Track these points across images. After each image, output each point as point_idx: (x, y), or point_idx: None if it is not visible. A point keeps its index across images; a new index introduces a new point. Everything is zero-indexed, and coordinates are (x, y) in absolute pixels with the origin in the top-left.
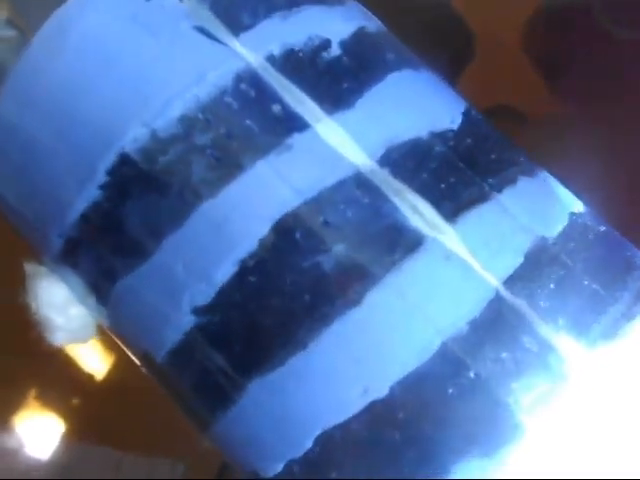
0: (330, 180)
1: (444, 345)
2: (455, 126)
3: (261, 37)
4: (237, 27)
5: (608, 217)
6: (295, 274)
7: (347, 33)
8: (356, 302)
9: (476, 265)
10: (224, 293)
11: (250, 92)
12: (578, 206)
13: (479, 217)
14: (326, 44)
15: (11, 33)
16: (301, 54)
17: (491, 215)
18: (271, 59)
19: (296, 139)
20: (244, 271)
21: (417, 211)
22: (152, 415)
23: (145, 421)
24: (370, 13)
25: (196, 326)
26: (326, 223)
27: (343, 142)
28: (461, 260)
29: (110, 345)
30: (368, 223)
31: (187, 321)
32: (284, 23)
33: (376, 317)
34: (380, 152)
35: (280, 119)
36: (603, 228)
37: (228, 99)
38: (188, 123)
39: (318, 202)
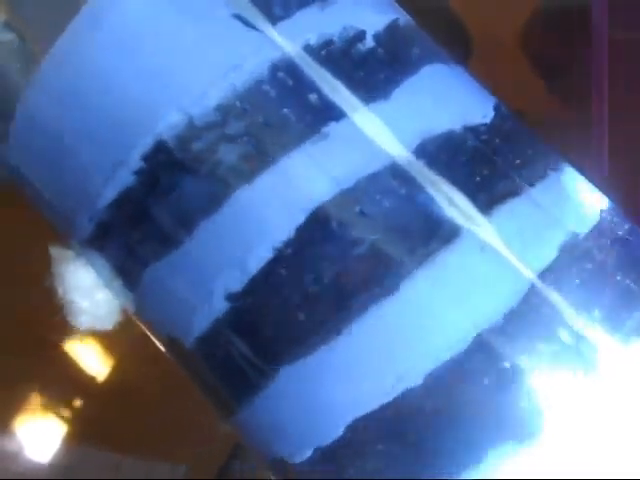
0: (367, 170)
1: (479, 336)
2: (487, 120)
3: (298, 26)
4: (274, 16)
5: None
6: (330, 263)
7: (381, 26)
8: (391, 292)
9: (511, 257)
10: (258, 280)
11: (287, 81)
12: (605, 203)
13: (513, 210)
14: (361, 35)
15: (9, 36)
16: (337, 44)
17: (524, 208)
18: (308, 48)
19: (332, 128)
20: (279, 259)
21: (453, 203)
22: (152, 417)
23: (145, 424)
24: (399, 7)
25: (228, 312)
26: (362, 213)
27: (379, 132)
28: (496, 252)
29: (110, 347)
30: (404, 214)
31: (219, 308)
32: (321, 13)
33: (411, 307)
34: (415, 143)
35: (317, 108)
36: (628, 225)
37: (265, 87)
38: (225, 111)
39: (354, 192)
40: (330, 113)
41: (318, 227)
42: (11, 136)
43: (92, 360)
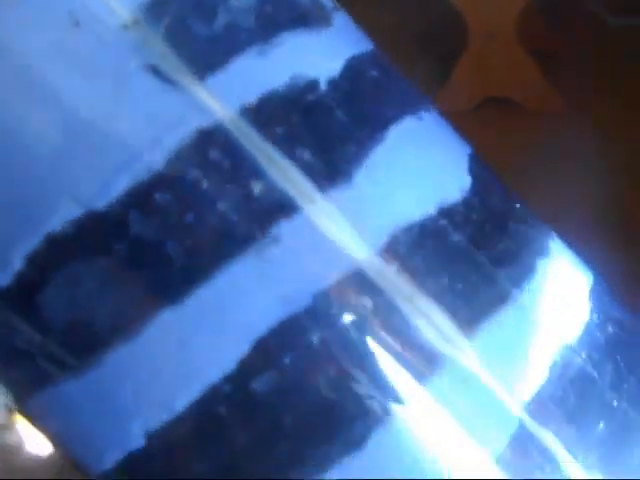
0: (326, 281)
1: None
2: (465, 193)
3: (234, 80)
4: (203, 67)
5: (609, 210)
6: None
7: (337, 69)
8: (360, 444)
9: (498, 390)
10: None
11: (222, 163)
12: (590, 281)
13: (499, 325)
14: (313, 85)
15: None
16: (283, 102)
17: (511, 321)
18: (247, 112)
19: (284, 229)
20: (215, 397)
21: (431, 322)
22: None
23: None
24: (358, 31)
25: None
26: (322, 341)
27: (340, 229)
28: (481, 385)
29: None
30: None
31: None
32: (262, 60)
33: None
34: (383, 241)
35: (262, 202)
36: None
37: (194, 173)
38: (137, 205)
39: (311, 314)
40: (280, 208)
41: (266, 361)
42: None
43: None
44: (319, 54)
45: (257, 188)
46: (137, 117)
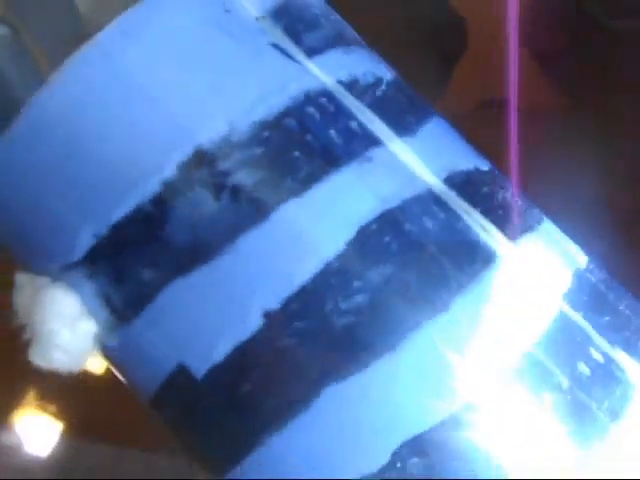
0: (408, 193)
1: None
2: (487, 168)
3: (330, 63)
4: (309, 50)
5: (609, 208)
6: (379, 275)
7: (390, 76)
8: (444, 309)
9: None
10: (306, 293)
11: (329, 107)
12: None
13: (536, 240)
14: (379, 82)
15: (3, 31)
16: (361, 85)
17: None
18: (341, 83)
19: (375, 153)
20: (327, 272)
21: (485, 230)
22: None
23: (145, 418)
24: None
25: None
26: (410, 231)
27: (413, 162)
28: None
29: None
30: (447, 236)
31: (254, 327)
32: (347, 56)
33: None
34: (444, 175)
35: (358, 134)
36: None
37: (310, 109)
38: (270, 126)
39: (401, 210)
40: (370, 139)
41: (367, 241)
42: (15, 135)
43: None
44: (378, 64)
45: (353, 124)
46: (271, 71)
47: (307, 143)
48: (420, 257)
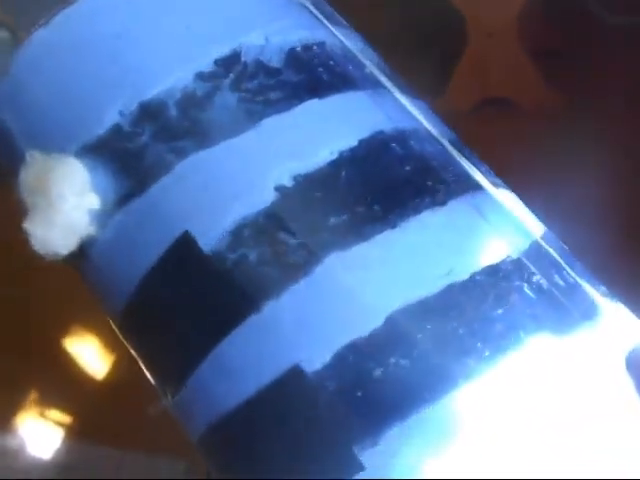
0: (412, 125)
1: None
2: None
3: (347, 35)
4: (331, 22)
5: (609, 208)
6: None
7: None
8: (442, 203)
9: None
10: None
11: (348, 53)
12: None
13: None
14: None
15: (3, 34)
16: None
17: None
18: (357, 49)
19: (383, 92)
20: (342, 161)
21: (473, 168)
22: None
23: (145, 421)
24: None
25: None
26: (413, 146)
27: (415, 109)
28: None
29: (110, 345)
30: (444, 160)
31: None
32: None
33: (458, 218)
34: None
35: (370, 76)
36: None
37: (332, 46)
38: (301, 47)
39: (407, 131)
40: (379, 84)
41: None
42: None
43: (92, 356)
44: None
45: (368, 65)
46: (297, 17)
47: (329, 65)
48: (421, 165)
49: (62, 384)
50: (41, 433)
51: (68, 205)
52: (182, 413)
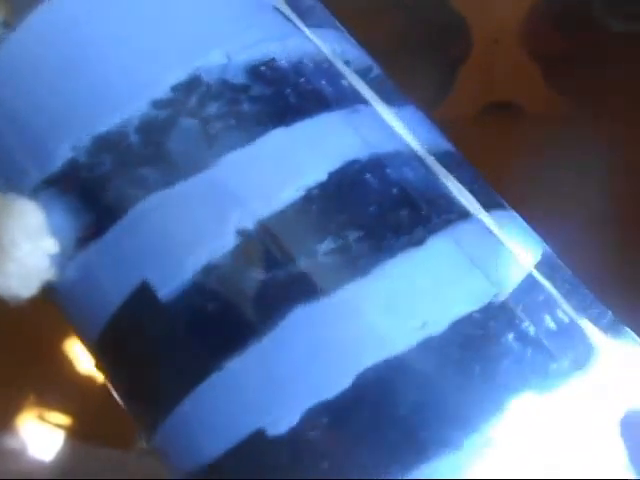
0: (391, 146)
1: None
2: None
3: (327, 36)
4: (307, 22)
5: (610, 213)
6: (363, 210)
7: (378, 70)
8: (419, 243)
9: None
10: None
11: (323, 63)
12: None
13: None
14: (370, 67)
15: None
16: (355, 65)
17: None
18: (336, 54)
19: (362, 108)
20: (308, 200)
21: (462, 194)
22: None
23: None
24: None
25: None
26: (390, 175)
27: (398, 125)
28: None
29: None
30: (425, 187)
31: (229, 243)
32: (342, 39)
33: (437, 260)
34: (425, 146)
35: (348, 90)
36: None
37: (304, 60)
38: (265, 65)
39: (384, 156)
40: (359, 98)
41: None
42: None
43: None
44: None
45: (345, 83)
46: (270, 24)
47: (298, 84)
48: (398, 199)
49: (62, 385)
50: (42, 435)
51: (22, 252)
52: (161, 456)
